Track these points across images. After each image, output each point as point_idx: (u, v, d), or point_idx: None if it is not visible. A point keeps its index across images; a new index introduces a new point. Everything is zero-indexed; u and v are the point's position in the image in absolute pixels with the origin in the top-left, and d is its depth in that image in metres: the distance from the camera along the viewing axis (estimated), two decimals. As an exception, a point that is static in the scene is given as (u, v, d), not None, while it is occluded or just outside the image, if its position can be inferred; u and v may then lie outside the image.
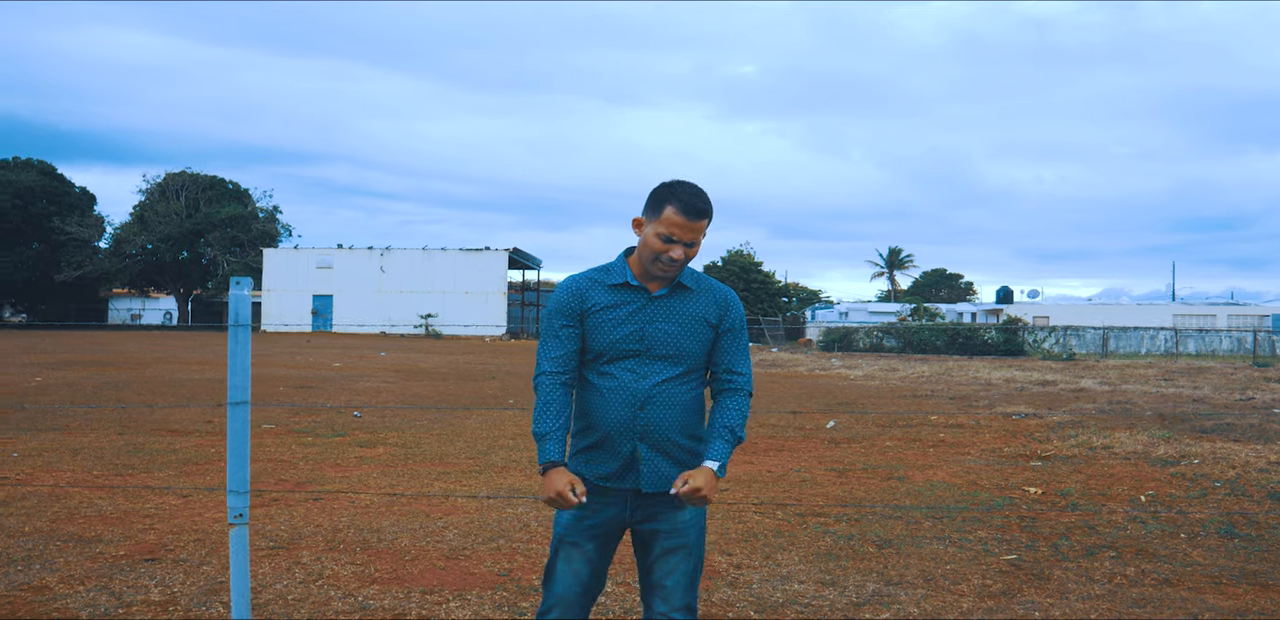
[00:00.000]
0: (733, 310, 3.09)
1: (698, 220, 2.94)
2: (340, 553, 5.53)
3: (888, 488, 7.96)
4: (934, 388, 19.58)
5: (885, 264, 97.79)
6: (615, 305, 3.01)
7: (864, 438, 11.28)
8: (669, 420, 2.97)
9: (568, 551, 3.04)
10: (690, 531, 3.05)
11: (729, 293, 3.13)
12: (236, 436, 3.46)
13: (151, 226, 60.57)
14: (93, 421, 11.53)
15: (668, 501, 3.00)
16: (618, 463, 2.99)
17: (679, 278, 3.05)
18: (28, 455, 8.90)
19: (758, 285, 53.94)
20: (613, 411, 2.98)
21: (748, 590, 4.94)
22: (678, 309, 3.02)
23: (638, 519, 3.03)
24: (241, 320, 3.43)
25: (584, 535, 3.03)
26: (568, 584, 3.04)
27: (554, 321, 3.05)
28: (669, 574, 3.03)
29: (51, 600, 4.59)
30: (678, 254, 2.93)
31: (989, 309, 60.43)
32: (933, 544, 5.95)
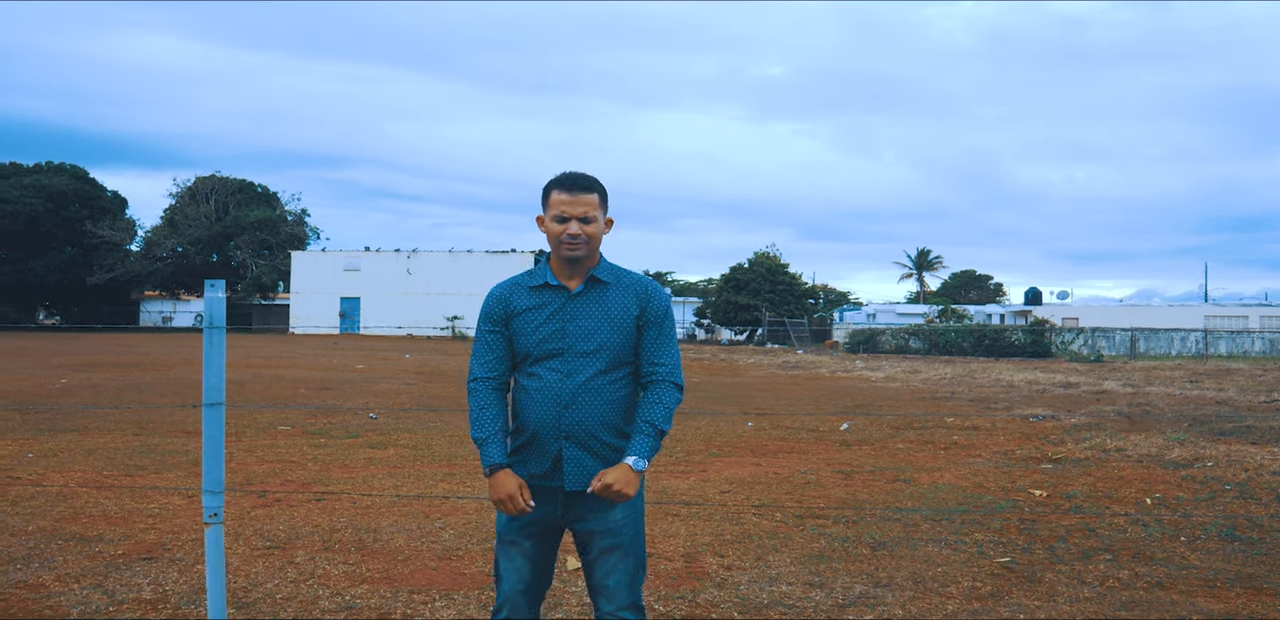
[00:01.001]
0: (653, 302, 3.09)
1: (580, 194, 3.02)
2: (335, 553, 5.58)
3: (892, 490, 7.94)
4: (954, 390, 19.49)
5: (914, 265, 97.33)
6: (537, 306, 3.06)
7: (876, 440, 11.25)
8: (594, 418, 3.00)
9: (506, 550, 3.10)
10: (625, 531, 3.06)
11: (649, 284, 3.13)
12: (211, 437, 3.52)
13: (182, 230, 61.15)
14: (111, 423, 11.67)
15: (598, 500, 3.02)
16: (547, 462, 3.02)
17: (595, 272, 3.07)
18: (43, 455, 9.02)
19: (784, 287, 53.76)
20: (539, 411, 3.01)
21: (734, 591, 4.95)
22: (596, 304, 3.05)
23: (570, 518, 3.06)
24: (216, 322, 3.48)
25: (520, 534, 3.08)
26: (513, 581, 3.09)
27: (481, 328, 3.13)
28: (609, 574, 3.06)
29: (45, 598, 4.66)
30: (574, 229, 3.00)
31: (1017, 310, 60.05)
32: (927, 546, 5.93)
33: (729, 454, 9.97)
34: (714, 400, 16.73)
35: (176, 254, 62.12)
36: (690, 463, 9.30)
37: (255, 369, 22.70)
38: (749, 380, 22.27)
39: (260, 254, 61.16)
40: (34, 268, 59.30)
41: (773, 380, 22.35)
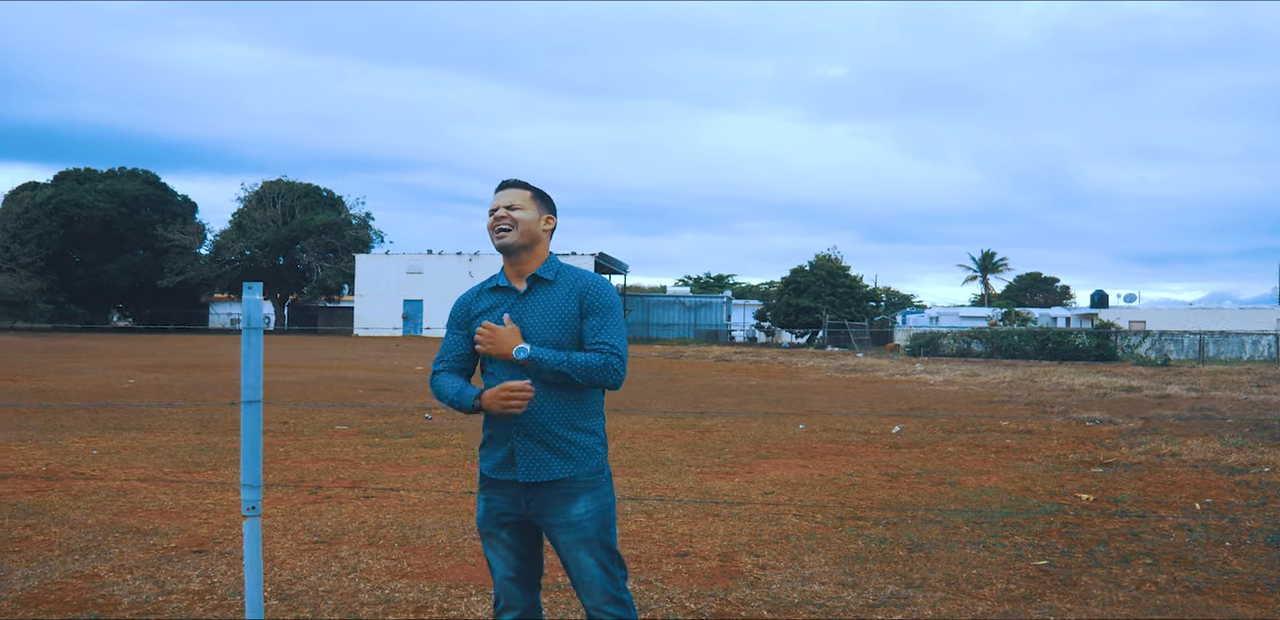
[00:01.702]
0: (592, 293, 3.16)
1: (508, 189, 3.25)
2: (378, 548, 5.72)
3: (936, 493, 7.93)
4: (1012, 393, 19.30)
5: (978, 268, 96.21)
6: (492, 308, 3.21)
7: (927, 443, 11.20)
8: (546, 413, 3.08)
9: (488, 541, 3.22)
10: (589, 525, 3.12)
11: (589, 278, 3.20)
12: (249, 433, 3.65)
13: (249, 233, 62.31)
14: (174, 421, 11.98)
15: (555, 495, 3.10)
16: (503, 455, 3.13)
17: (539, 272, 3.19)
18: (107, 452, 9.31)
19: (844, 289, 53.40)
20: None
21: (766, 590, 5.01)
22: (542, 302, 3.16)
23: (532, 512, 3.13)
24: (253, 323, 3.62)
25: (494, 524, 3.19)
26: (501, 570, 3.21)
27: (447, 330, 3.34)
28: (582, 570, 3.13)
29: (99, 587, 4.85)
30: (500, 214, 3.19)
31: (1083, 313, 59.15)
32: (965, 548, 5.94)
33: (777, 456, 10.00)
34: (768, 402, 16.74)
35: (244, 257, 63.27)
36: (737, 464, 9.35)
37: (318, 370, 23.12)
38: (805, 383, 22.22)
39: (325, 257, 62.09)
40: (108, 271, 60.77)
41: (829, 383, 22.28)
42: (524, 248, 3.18)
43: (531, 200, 3.23)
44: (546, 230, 3.25)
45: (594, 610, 3.14)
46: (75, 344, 36.09)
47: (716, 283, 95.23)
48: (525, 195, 3.23)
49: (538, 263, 3.21)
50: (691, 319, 63.43)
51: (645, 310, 63.55)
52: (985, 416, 14.40)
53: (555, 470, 3.09)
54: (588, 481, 3.14)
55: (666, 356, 35.54)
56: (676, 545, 5.93)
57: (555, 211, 3.32)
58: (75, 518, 6.38)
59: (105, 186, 61.29)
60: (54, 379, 18.79)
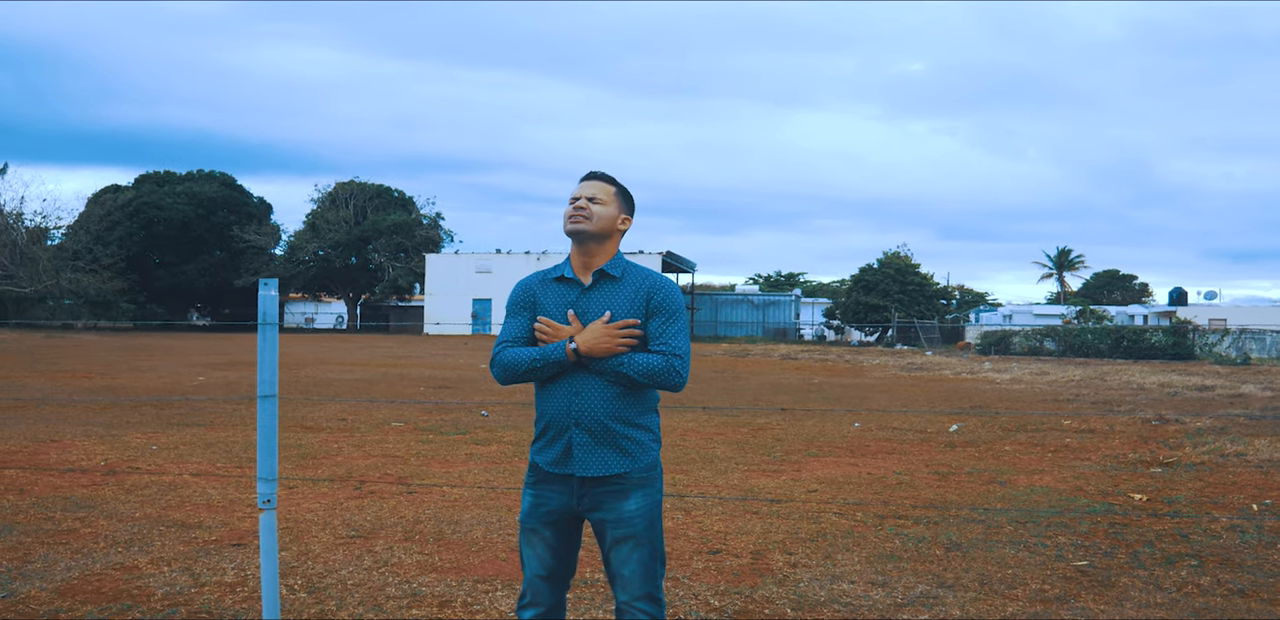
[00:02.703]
0: (657, 295, 3.15)
1: (588, 180, 3.26)
2: (413, 543, 5.78)
3: (985, 492, 7.80)
4: (1080, 392, 18.92)
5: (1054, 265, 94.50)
6: (554, 298, 3.20)
7: (984, 442, 11.03)
8: (603, 407, 3.08)
9: (528, 537, 3.19)
10: (638, 522, 3.11)
11: (656, 279, 3.19)
12: (265, 427, 3.71)
13: (322, 234, 63.28)
14: (235, 418, 12.21)
15: (610, 490, 3.10)
16: (560, 449, 3.12)
17: (606, 267, 3.17)
18: (166, 448, 9.52)
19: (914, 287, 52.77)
20: (553, 400, 3.13)
21: (793, 588, 4.96)
22: (606, 299, 3.15)
23: (585, 507, 3.13)
24: (269, 319, 3.67)
25: (539, 522, 3.17)
26: (534, 568, 3.19)
27: (509, 312, 3.28)
28: (624, 563, 3.12)
29: (137, 578, 4.96)
30: (581, 203, 3.17)
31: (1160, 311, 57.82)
32: (1004, 548, 5.83)
33: (828, 454, 9.91)
34: (827, 400, 16.61)
35: (318, 257, 64.27)
36: (786, 462, 9.28)
37: (384, 368, 23.42)
38: (869, 381, 22.00)
39: (396, 257, 62.84)
40: (186, 271, 62.09)
41: (893, 381, 22.04)
42: (594, 238, 3.18)
43: (615, 196, 3.24)
44: (621, 229, 3.25)
45: (626, 606, 3.13)
46: (152, 343, 36.96)
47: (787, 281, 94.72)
48: (610, 190, 3.24)
49: (606, 258, 3.21)
50: (760, 317, 63.13)
51: (713, 309, 63.39)
52: (1048, 415, 14.14)
53: (612, 465, 3.10)
54: (642, 478, 3.14)
55: (732, 355, 35.43)
56: (710, 542, 5.91)
57: (633, 213, 3.32)
58: (124, 511, 6.53)
59: (184, 189, 62.62)
60: (126, 376, 19.26)
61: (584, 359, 3.07)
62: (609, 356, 3.07)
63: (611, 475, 3.09)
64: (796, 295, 66.40)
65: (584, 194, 3.20)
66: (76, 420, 11.64)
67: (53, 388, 16.47)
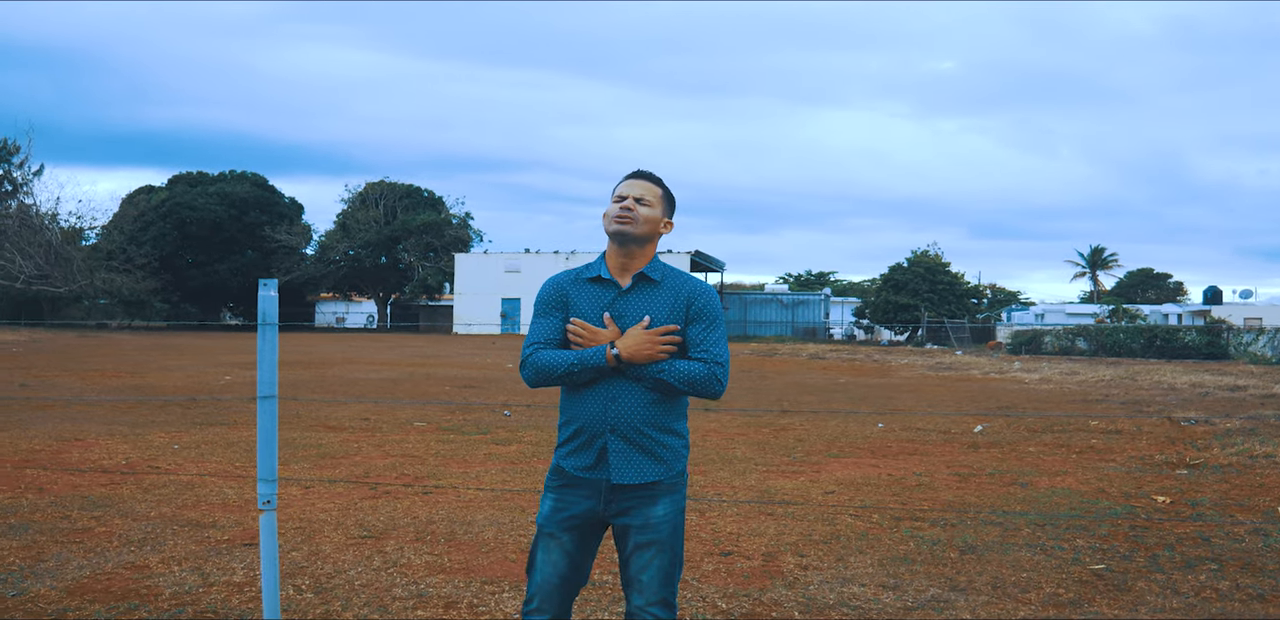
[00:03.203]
0: (697, 301, 3.10)
1: (636, 179, 3.19)
2: (423, 543, 5.77)
3: (1004, 494, 7.72)
4: (1109, 392, 18.73)
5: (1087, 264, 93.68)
6: (589, 299, 3.12)
7: (1008, 443, 10.92)
8: (638, 414, 3.03)
9: (545, 542, 3.12)
10: (663, 528, 3.07)
11: (696, 284, 3.13)
12: (265, 428, 3.70)
13: (353, 234, 63.68)
14: (260, 417, 12.25)
15: (640, 496, 3.05)
16: (593, 455, 3.06)
17: (646, 270, 3.11)
18: (187, 447, 9.58)
19: (944, 286, 52.44)
20: (586, 405, 3.06)
21: (803, 591, 4.92)
22: (644, 302, 3.09)
23: (611, 512, 3.07)
24: (268, 319, 3.66)
25: (560, 527, 3.10)
26: (546, 574, 3.10)
27: (538, 311, 3.19)
28: (644, 569, 3.07)
29: (146, 577, 4.98)
30: (628, 203, 3.10)
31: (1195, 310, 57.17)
32: (1020, 551, 5.76)
33: (848, 455, 9.84)
34: (852, 401, 16.51)
35: (348, 257, 64.68)
36: (806, 463, 9.23)
37: (411, 368, 23.51)
38: (896, 381, 21.87)
39: (426, 256, 63.14)
40: (219, 271, 62.61)
41: (920, 381, 21.89)
42: (637, 241, 3.11)
43: (661, 199, 3.18)
44: (663, 232, 3.20)
45: (639, 610, 3.08)
46: (183, 342, 37.29)
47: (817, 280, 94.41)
48: (657, 193, 3.18)
49: (645, 261, 3.14)
50: (789, 317, 62.97)
51: (742, 308, 63.29)
52: (1075, 416, 13.99)
53: (648, 473, 3.04)
54: (671, 484, 3.10)
55: (760, 354, 35.34)
56: (722, 544, 5.87)
57: (673, 216, 3.27)
58: (140, 510, 6.56)
59: (216, 189, 63.15)
60: (155, 375, 19.42)
61: (623, 365, 3.01)
62: (649, 363, 3.02)
63: (645, 483, 3.04)
64: (826, 294, 66.15)
65: (632, 194, 3.12)
66: (102, 419, 11.74)
67: (82, 387, 16.63)
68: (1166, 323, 49.74)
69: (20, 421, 11.36)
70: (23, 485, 7.41)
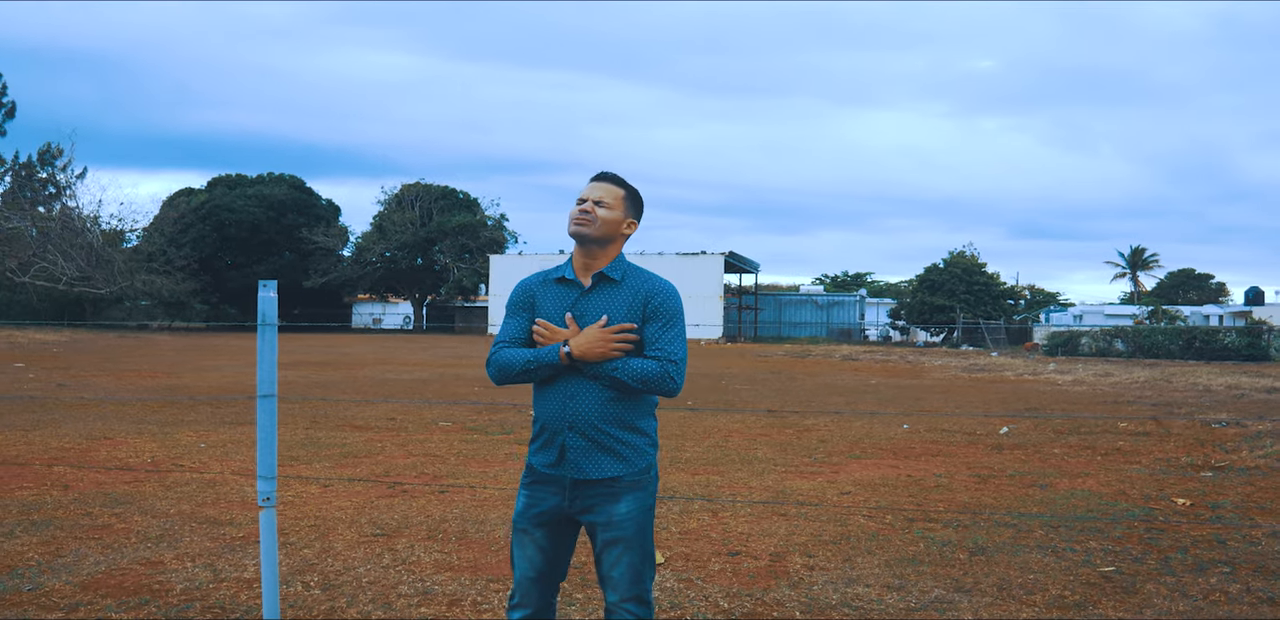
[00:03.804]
0: (655, 299, 3.15)
1: (598, 181, 3.25)
2: (434, 542, 5.83)
3: (1023, 495, 7.68)
4: (1142, 394, 18.53)
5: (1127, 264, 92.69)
6: (554, 300, 3.20)
7: (1033, 444, 10.85)
8: (596, 411, 3.08)
9: (519, 538, 3.21)
10: (628, 525, 3.12)
11: (655, 283, 3.19)
12: (264, 426, 3.77)
13: (389, 235, 64.10)
14: (288, 417, 12.41)
15: (602, 493, 3.11)
16: (555, 452, 3.13)
17: (606, 270, 3.17)
18: (214, 446, 9.71)
19: (979, 287, 52.07)
20: (548, 403, 3.14)
21: (806, 591, 4.92)
22: (605, 302, 3.15)
23: (576, 509, 3.13)
24: (268, 320, 3.73)
25: (531, 523, 3.18)
26: (524, 569, 3.20)
27: (508, 313, 3.28)
28: (614, 566, 3.12)
29: (159, 573, 5.06)
30: (587, 206, 3.18)
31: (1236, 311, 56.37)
32: (1031, 553, 5.73)
33: (870, 456, 9.82)
34: (880, 401, 16.45)
35: (385, 258, 65.10)
36: (826, 464, 9.21)
37: (443, 368, 23.66)
38: (928, 383, 21.75)
39: (461, 257, 63.46)
40: (257, 272, 63.21)
41: (952, 383, 21.76)
42: (597, 242, 3.19)
43: (622, 200, 3.24)
44: (625, 233, 3.25)
45: (615, 607, 3.14)
46: (221, 343, 37.71)
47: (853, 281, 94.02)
48: (618, 194, 3.24)
49: (607, 260, 3.21)
50: (824, 318, 62.74)
51: (777, 309, 63.14)
52: (1104, 417, 13.86)
53: (606, 469, 3.10)
54: (635, 481, 3.15)
55: (793, 355, 35.25)
56: (731, 544, 5.88)
57: (641, 217, 3.32)
58: (160, 507, 6.67)
59: (254, 191, 63.79)
60: (189, 376, 19.67)
61: (577, 362, 3.07)
62: (603, 361, 3.07)
63: (604, 478, 3.09)
64: (861, 295, 65.86)
65: (591, 196, 3.20)
66: (133, 418, 11.92)
67: (117, 386, 16.88)
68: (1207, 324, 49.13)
69: (54, 420, 11.55)
70: (49, 482, 7.55)
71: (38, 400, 14.06)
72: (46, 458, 8.75)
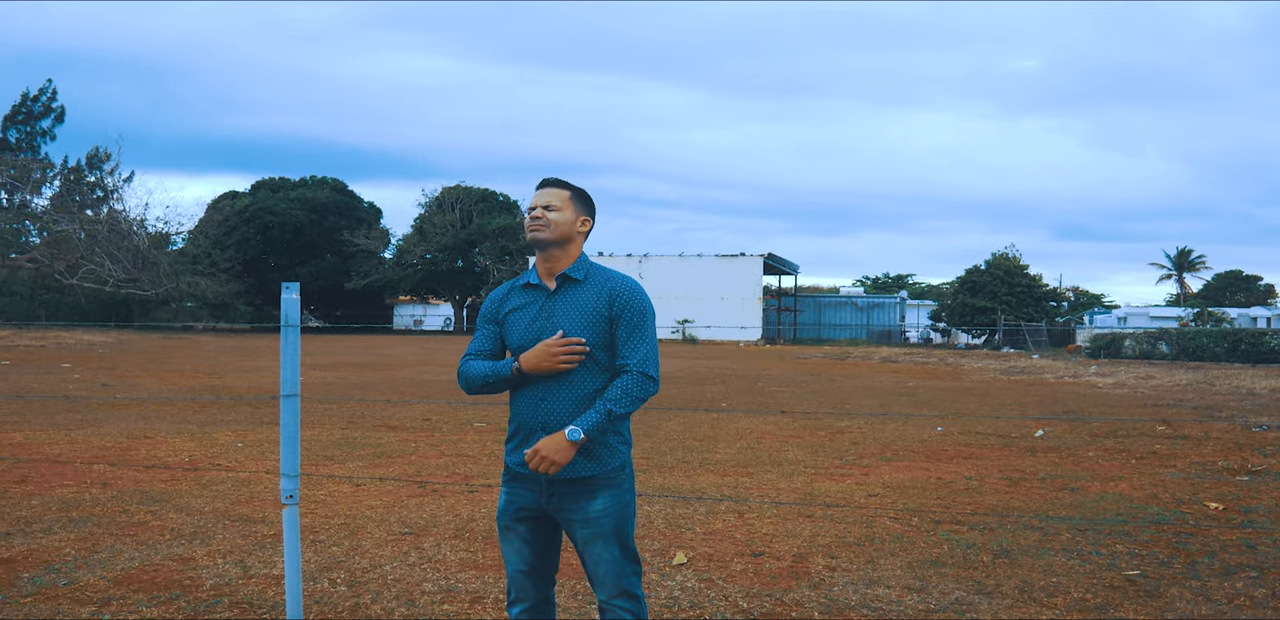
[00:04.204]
0: (620, 298, 3.19)
1: (543, 188, 3.30)
2: (461, 540, 5.90)
3: (1052, 499, 7.64)
4: (1183, 397, 18.32)
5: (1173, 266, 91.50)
6: (524, 305, 3.27)
7: (1068, 447, 10.77)
8: (568, 410, 3.12)
9: (505, 534, 3.29)
10: (605, 521, 3.16)
11: (619, 282, 3.23)
12: (287, 425, 3.85)
13: (429, 237, 64.57)
14: (326, 417, 12.57)
15: (577, 491, 3.16)
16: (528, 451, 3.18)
17: (568, 271, 3.23)
18: (250, 445, 9.86)
19: (1021, 289, 51.62)
20: (521, 404, 3.21)
21: (826, 592, 4.95)
22: (570, 303, 3.20)
23: (553, 507, 3.18)
24: (290, 322, 3.81)
25: (513, 519, 3.25)
26: (515, 564, 3.28)
27: (478, 324, 3.39)
28: (597, 563, 3.18)
29: (191, 569, 5.17)
30: (536, 212, 3.24)
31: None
32: (1056, 556, 5.72)
33: (902, 458, 9.79)
34: (916, 404, 16.38)
35: (425, 260, 65.61)
36: (856, 466, 9.21)
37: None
38: (966, 385, 21.62)
39: (501, 260, 63.78)
40: (300, 275, 63.94)
41: (990, 385, 21.62)
42: (555, 244, 3.25)
43: (569, 201, 3.30)
44: (581, 232, 3.31)
45: (605, 603, 3.20)
46: (263, 344, 38.14)
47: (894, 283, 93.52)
48: (564, 196, 3.30)
49: (569, 262, 3.27)
50: (864, 320, 62.45)
51: (817, 311, 62.93)
52: (1142, 420, 13.73)
53: (579, 468, 3.15)
54: (609, 479, 3.20)
55: (832, 357, 35.15)
56: (754, 545, 5.91)
57: (593, 213, 3.37)
58: (195, 505, 6.80)
59: (297, 194, 64.50)
60: (231, 377, 19.94)
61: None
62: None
63: (579, 477, 3.14)
64: (901, 297, 65.50)
65: (539, 203, 3.27)
66: (173, 418, 12.12)
67: (160, 386, 17.15)
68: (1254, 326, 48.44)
69: (96, 419, 11.78)
70: (89, 480, 7.71)
71: (82, 400, 14.32)
72: (88, 456, 8.93)
